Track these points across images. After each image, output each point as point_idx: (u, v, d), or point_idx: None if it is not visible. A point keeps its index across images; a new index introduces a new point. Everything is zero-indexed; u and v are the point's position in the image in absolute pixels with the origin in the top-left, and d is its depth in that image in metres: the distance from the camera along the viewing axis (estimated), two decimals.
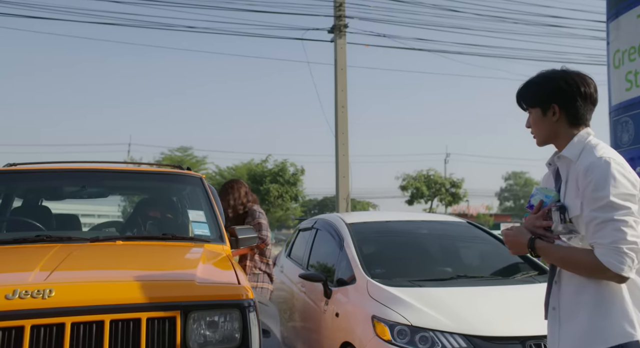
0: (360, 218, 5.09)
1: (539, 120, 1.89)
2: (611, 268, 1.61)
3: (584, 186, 1.70)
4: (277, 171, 27.49)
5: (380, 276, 3.85)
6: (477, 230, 4.97)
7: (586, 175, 1.70)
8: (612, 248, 1.62)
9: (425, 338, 3.20)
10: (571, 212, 1.77)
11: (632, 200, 1.66)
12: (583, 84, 1.83)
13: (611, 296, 1.70)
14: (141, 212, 3.96)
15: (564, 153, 1.84)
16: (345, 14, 12.79)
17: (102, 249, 3.01)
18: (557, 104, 1.84)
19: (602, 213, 1.64)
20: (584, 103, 1.84)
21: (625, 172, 1.69)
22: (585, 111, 1.85)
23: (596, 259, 1.63)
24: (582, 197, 1.71)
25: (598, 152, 1.74)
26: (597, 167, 1.69)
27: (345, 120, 12.55)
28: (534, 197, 1.93)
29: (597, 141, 1.82)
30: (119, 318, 2.12)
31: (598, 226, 1.65)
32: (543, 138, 1.91)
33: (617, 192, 1.64)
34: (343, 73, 12.57)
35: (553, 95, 1.84)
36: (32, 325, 2.02)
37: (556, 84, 1.85)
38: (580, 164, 1.75)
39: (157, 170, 4.46)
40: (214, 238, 3.40)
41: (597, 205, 1.66)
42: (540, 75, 1.91)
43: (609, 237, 1.63)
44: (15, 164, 4.03)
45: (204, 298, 2.25)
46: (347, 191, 12.59)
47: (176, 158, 32.40)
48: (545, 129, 1.88)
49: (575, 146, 1.82)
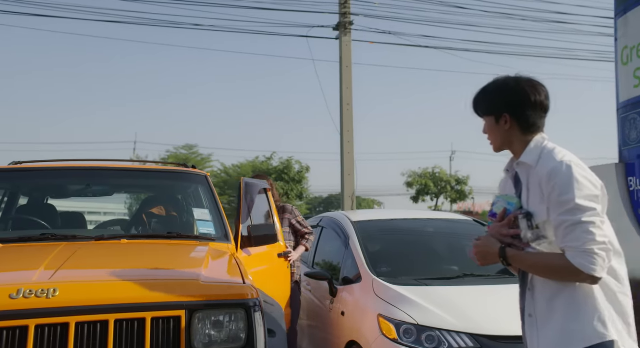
0: (365, 216, 5.07)
1: (493, 128, 1.91)
2: (584, 270, 1.62)
3: (549, 191, 1.71)
4: (282, 169, 27.48)
5: (386, 275, 3.83)
6: (484, 228, 4.93)
7: (550, 180, 1.71)
8: (583, 250, 1.63)
9: (432, 338, 3.18)
10: (538, 217, 1.77)
11: (597, 201, 1.69)
12: (534, 92, 1.85)
13: (584, 298, 1.70)
14: (146, 211, 3.95)
15: (523, 159, 1.85)
16: (350, 11, 12.74)
17: (106, 248, 3.00)
18: (508, 114, 1.86)
19: (569, 217, 1.66)
20: (535, 111, 1.86)
21: (587, 174, 1.72)
22: (536, 119, 1.87)
23: (569, 262, 1.64)
24: (547, 202, 1.72)
25: (558, 156, 1.75)
26: (560, 172, 1.70)
27: (350, 118, 12.52)
28: (496, 205, 1.92)
29: (553, 145, 1.84)
30: (123, 318, 2.11)
31: (567, 229, 1.66)
32: (498, 145, 1.94)
33: (582, 194, 1.66)
34: (348, 70, 12.53)
35: (504, 105, 1.87)
36: (36, 324, 2.01)
37: (506, 95, 1.87)
38: (541, 169, 1.77)
39: (162, 169, 4.45)
40: (219, 236, 3.38)
41: (564, 208, 1.67)
42: (493, 84, 1.93)
43: (579, 239, 1.64)
44: (20, 162, 4.03)
45: (209, 298, 2.23)
46: (352, 189, 12.56)
47: (182, 156, 32.43)
48: (499, 136, 1.91)
49: (532, 152, 1.84)
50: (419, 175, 33.14)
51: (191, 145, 34.53)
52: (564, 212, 1.67)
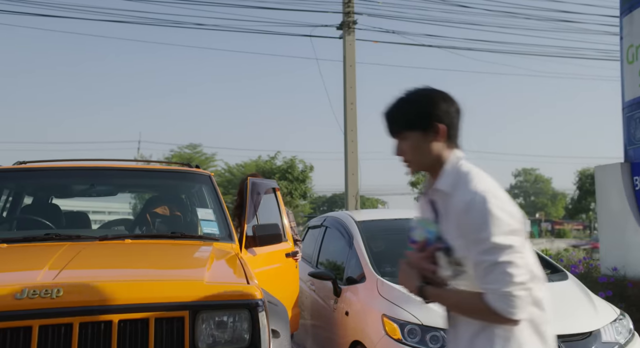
0: (369, 216, 5.06)
1: (419, 144, 1.69)
2: (503, 314, 1.53)
3: (465, 227, 1.58)
4: (286, 168, 27.49)
5: (390, 274, 3.82)
6: None
7: (466, 215, 1.57)
8: (502, 293, 1.52)
9: (437, 338, 3.17)
10: (458, 252, 1.63)
11: (516, 234, 1.56)
12: (455, 101, 1.72)
13: (506, 336, 1.60)
14: (150, 210, 3.95)
15: (439, 186, 1.68)
16: (354, 11, 12.72)
17: (110, 248, 3.00)
18: (440, 123, 1.67)
19: (487, 257, 1.54)
20: (459, 122, 1.72)
21: (504, 205, 1.57)
22: (459, 130, 1.73)
23: (488, 305, 1.54)
24: (465, 238, 1.59)
25: (472, 186, 1.59)
26: (475, 206, 1.55)
27: (354, 117, 12.50)
28: (416, 231, 1.79)
29: (468, 167, 1.67)
30: (127, 319, 2.11)
31: (486, 270, 1.55)
32: (427, 163, 1.72)
33: (498, 231, 1.53)
34: (352, 70, 12.52)
35: (436, 114, 1.67)
36: (40, 325, 2.01)
37: (437, 102, 1.69)
38: (457, 200, 1.61)
39: (165, 168, 4.45)
40: (222, 236, 3.38)
41: (481, 248, 1.55)
42: (413, 93, 1.73)
43: (498, 281, 1.53)
44: (25, 162, 4.04)
45: (213, 299, 2.22)
46: (356, 188, 12.55)
47: (185, 155, 32.51)
48: (427, 153, 1.70)
49: (448, 176, 1.67)
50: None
51: (195, 145, 34.68)
52: (481, 251, 1.54)
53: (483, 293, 1.56)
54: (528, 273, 1.56)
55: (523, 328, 1.60)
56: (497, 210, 1.54)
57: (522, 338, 1.60)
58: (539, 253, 4.52)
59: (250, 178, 3.60)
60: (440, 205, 1.70)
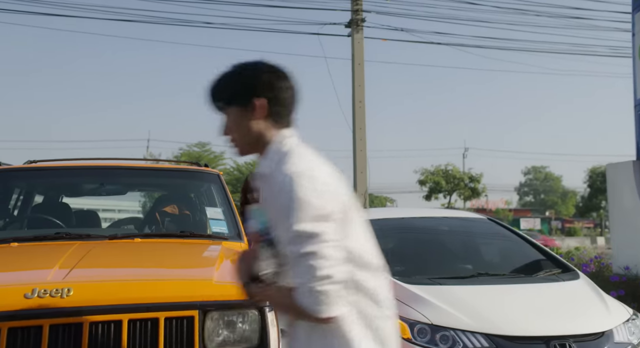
0: (378, 214, 5.04)
1: (239, 121, 1.51)
2: (309, 312, 1.35)
3: (275, 213, 1.42)
4: None
5: (399, 274, 3.80)
6: (498, 227, 4.89)
7: (276, 200, 1.40)
8: (308, 288, 1.35)
9: (446, 337, 3.14)
10: (278, 243, 1.46)
11: (327, 219, 1.36)
12: (286, 77, 1.55)
13: (338, 333, 1.43)
14: (159, 209, 3.96)
15: (260, 169, 1.51)
16: (362, 8, 12.68)
17: (120, 247, 3.01)
18: (264, 98, 1.49)
19: (293, 247, 1.36)
20: (291, 99, 1.55)
21: (318, 185, 1.38)
22: (292, 109, 1.55)
23: (296, 301, 1.37)
24: (279, 226, 1.42)
25: (286, 167, 1.41)
26: (283, 188, 1.37)
27: (362, 116, 12.47)
28: (250, 222, 1.59)
29: (291, 147, 1.49)
30: (137, 318, 2.11)
31: (293, 263, 1.38)
32: (247, 144, 1.54)
33: (304, 217, 1.34)
34: (360, 68, 12.48)
35: (259, 87, 1.49)
36: (50, 324, 2.02)
37: (258, 75, 1.51)
38: (271, 184, 1.44)
39: (174, 167, 4.47)
40: (231, 235, 3.38)
41: (287, 237, 1.38)
42: (236, 66, 1.55)
43: (302, 275, 1.35)
44: (35, 161, 4.06)
45: (222, 298, 2.22)
46: (365, 186, 12.53)
47: (194, 153, 32.64)
48: (247, 131, 1.51)
49: (269, 157, 1.49)
50: (432, 173, 32.99)
51: (204, 143, 34.82)
52: (287, 240, 1.38)
53: (293, 289, 1.39)
54: (339, 264, 1.37)
55: (352, 323, 1.43)
56: (305, 193, 1.35)
57: (351, 333, 1.43)
58: (550, 252, 4.49)
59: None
60: (263, 191, 1.52)
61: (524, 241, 4.58)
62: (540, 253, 4.40)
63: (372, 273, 1.49)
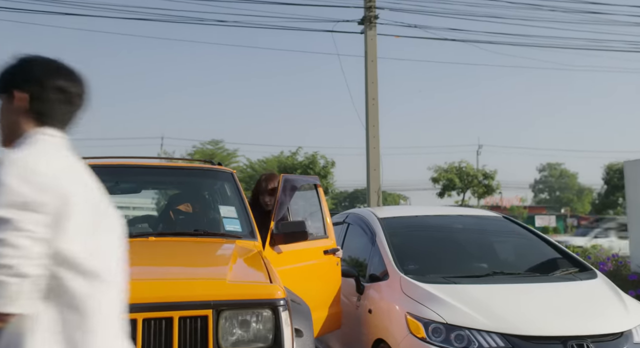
0: (392, 212, 5.02)
1: (2, 111, 1.48)
2: None
3: None
4: (307, 164, 27.54)
5: (413, 272, 3.78)
6: (513, 225, 4.84)
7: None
8: None
9: (461, 337, 3.12)
10: None
11: (29, 209, 1.26)
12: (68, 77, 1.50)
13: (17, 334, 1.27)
14: (173, 207, 3.98)
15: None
16: (375, 5, 12.63)
17: (134, 246, 3.00)
18: (22, 92, 1.44)
19: None
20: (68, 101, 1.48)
21: (29, 174, 1.30)
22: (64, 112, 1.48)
23: None
24: None
25: (10, 155, 1.34)
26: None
27: (376, 113, 12.43)
28: None
29: (39, 141, 1.42)
30: (151, 317, 2.12)
31: None
32: (4, 136, 1.49)
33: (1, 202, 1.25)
34: (374, 65, 12.43)
35: (19, 81, 1.45)
36: None
37: (29, 69, 1.47)
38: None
39: (188, 166, 4.48)
40: (245, 234, 3.38)
41: None
42: (17, 56, 1.51)
43: None
44: None
45: (236, 297, 2.22)
46: (378, 184, 12.49)
47: (208, 151, 32.78)
48: (6, 123, 1.47)
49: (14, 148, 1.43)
50: (445, 170, 32.81)
51: (217, 141, 34.94)
52: None
53: None
54: (32, 258, 1.25)
55: (39, 328, 1.29)
56: (9, 179, 1.28)
57: (33, 339, 1.28)
58: (566, 251, 4.43)
59: (284, 175, 3.57)
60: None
61: (540, 239, 4.54)
62: (557, 252, 4.35)
63: (92, 283, 1.37)
